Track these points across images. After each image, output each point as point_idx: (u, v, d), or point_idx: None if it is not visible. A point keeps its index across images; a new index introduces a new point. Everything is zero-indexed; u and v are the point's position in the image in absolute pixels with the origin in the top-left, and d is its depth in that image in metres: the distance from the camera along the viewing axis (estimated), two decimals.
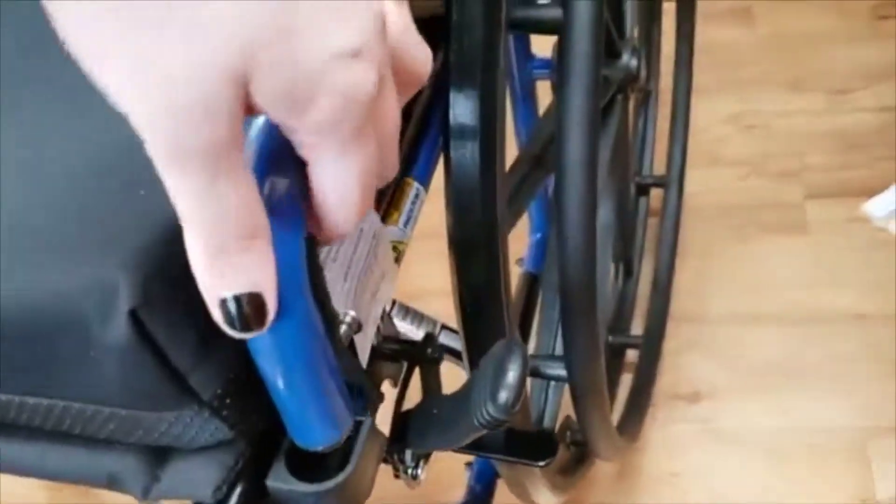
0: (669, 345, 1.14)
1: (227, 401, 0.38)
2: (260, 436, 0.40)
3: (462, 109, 0.48)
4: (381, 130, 0.30)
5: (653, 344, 1.05)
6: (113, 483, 0.41)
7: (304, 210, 0.31)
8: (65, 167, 0.39)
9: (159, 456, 0.41)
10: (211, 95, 0.25)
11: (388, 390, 0.51)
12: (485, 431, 0.42)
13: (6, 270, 0.36)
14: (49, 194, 0.38)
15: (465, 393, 0.43)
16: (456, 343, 0.67)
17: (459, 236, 0.52)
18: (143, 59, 0.24)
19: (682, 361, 1.14)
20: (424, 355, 0.58)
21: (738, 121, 1.41)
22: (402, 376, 0.55)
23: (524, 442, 0.59)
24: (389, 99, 0.30)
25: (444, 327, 0.81)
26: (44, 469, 0.44)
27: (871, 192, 1.25)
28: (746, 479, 1.05)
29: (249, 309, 0.29)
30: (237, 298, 0.29)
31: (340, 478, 0.41)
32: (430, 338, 0.59)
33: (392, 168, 0.33)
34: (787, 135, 1.37)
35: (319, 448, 0.39)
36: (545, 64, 1.01)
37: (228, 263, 0.28)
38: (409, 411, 0.50)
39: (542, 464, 0.58)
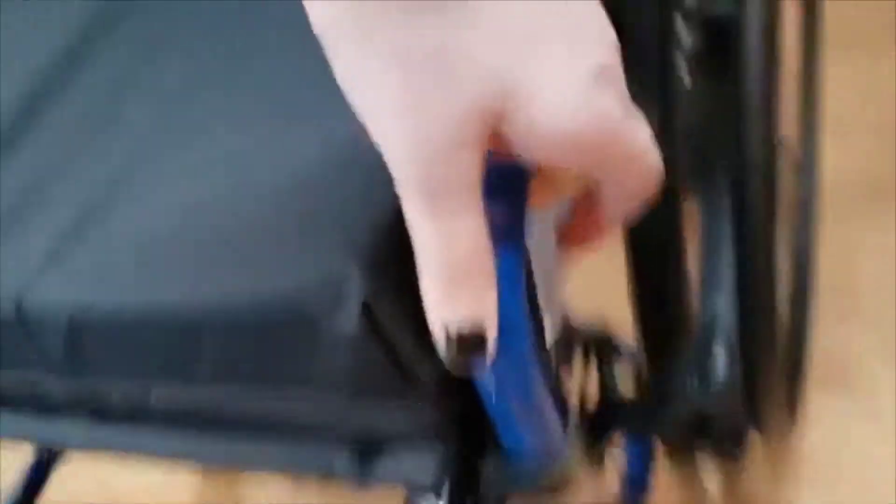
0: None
1: (445, 393, 0.38)
2: (465, 428, 0.41)
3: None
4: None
5: (802, 313, 1.02)
6: (327, 474, 0.42)
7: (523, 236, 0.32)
8: (274, 167, 0.40)
9: (369, 445, 0.42)
10: (465, 135, 0.27)
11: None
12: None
13: (235, 268, 0.37)
14: (263, 192, 0.39)
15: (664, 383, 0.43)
16: None
17: (640, 228, 0.52)
18: (408, 103, 0.26)
19: (832, 336, 1.09)
20: (608, 347, 0.57)
21: None
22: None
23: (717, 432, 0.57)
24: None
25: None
26: (252, 462, 0.45)
27: None
28: None
29: (470, 338, 0.30)
30: (460, 328, 0.30)
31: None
32: (607, 332, 0.57)
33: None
34: None
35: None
36: None
37: (456, 295, 0.29)
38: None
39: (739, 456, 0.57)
